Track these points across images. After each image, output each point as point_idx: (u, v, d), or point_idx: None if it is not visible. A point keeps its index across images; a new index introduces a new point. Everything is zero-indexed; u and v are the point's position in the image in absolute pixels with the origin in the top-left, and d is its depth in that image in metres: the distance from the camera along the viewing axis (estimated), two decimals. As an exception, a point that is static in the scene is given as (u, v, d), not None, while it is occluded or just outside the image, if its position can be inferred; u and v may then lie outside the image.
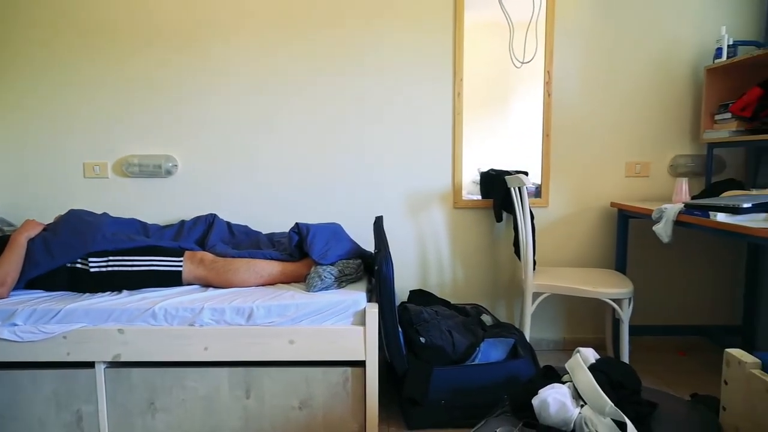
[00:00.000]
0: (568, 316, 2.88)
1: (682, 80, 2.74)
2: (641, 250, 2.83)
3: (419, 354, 2.08)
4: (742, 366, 1.45)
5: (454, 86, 2.73)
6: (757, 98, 2.37)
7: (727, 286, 2.86)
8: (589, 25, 2.71)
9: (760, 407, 1.38)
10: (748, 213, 1.90)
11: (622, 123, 2.76)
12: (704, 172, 2.75)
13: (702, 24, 2.71)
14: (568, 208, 2.81)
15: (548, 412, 1.39)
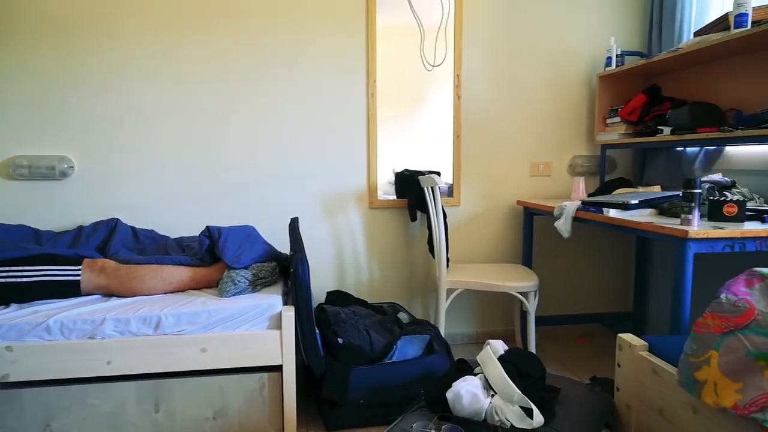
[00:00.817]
0: (480, 311, 3.00)
1: (579, 86, 2.94)
2: (545, 245, 3.01)
3: (337, 355, 2.08)
4: (632, 349, 1.59)
5: (368, 87, 2.75)
6: (642, 104, 2.60)
7: (620, 276, 3.12)
8: (494, 32, 2.84)
9: (647, 385, 1.51)
10: (636, 209, 2.08)
11: (526, 125, 2.92)
12: (599, 172, 2.97)
13: (594, 35, 2.92)
14: (478, 207, 2.93)
15: (461, 404, 1.44)
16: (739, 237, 1.72)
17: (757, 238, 1.72)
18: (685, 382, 1.28)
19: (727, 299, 1.27)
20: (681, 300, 1.75)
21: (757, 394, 1.11)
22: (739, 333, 1.21)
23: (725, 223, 1.82)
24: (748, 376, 1.16)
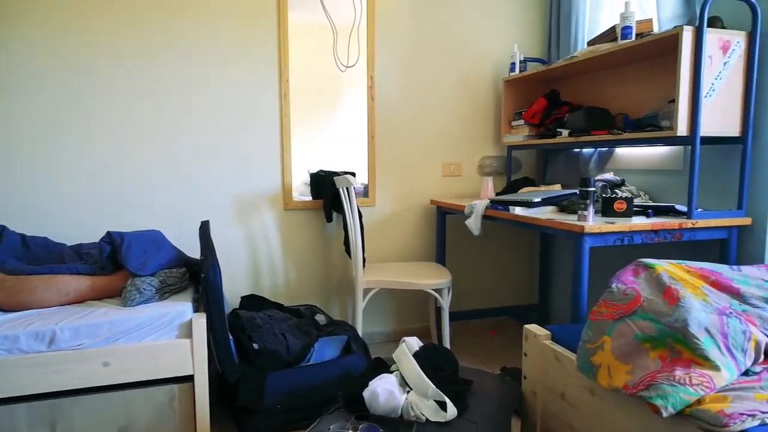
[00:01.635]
0: (397, 309, 3.05)
1: (486, 90, 3.08)
2: (458, 242, 3.12)
3: (253, 361, 2.03)
4: (537, 339, 1.68)
5: (281, 87, 2.71)
6: (543, 108, 2.76)
7: (526, 270, 3.29)
8: (406, 35, 2.90)
9: (551, 372, 1.61)
10: (539, 206, 2.21)
11: (438, 127, 3.01)
12: (506, 171, 3.12)
13: (500, 41, 3.07)
14: (393, 207, 2.98)
15: (378, 402, 1.46)
16: (627, 231, 1.87)
17: (643, 231, 1.89)
18: (583, 366, 1.38)
19: (617, 288, 1.39)
20: (579, 291, 1.88)
21: (644, 373, 1.22)
22: (628, 319, 1.32)
23: (616, 218, 1.98)
24: (636, 358, 1.27)
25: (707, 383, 1.14)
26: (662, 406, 1.12)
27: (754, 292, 1.33)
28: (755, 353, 1.23)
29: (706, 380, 1.14)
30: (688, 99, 1.86)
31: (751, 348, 1.21)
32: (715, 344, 1.19)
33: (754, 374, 1.22)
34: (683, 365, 1.18)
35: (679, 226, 1.90)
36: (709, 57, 1.85)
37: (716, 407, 1.09)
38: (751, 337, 1.21)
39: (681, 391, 1.13)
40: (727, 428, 1.05)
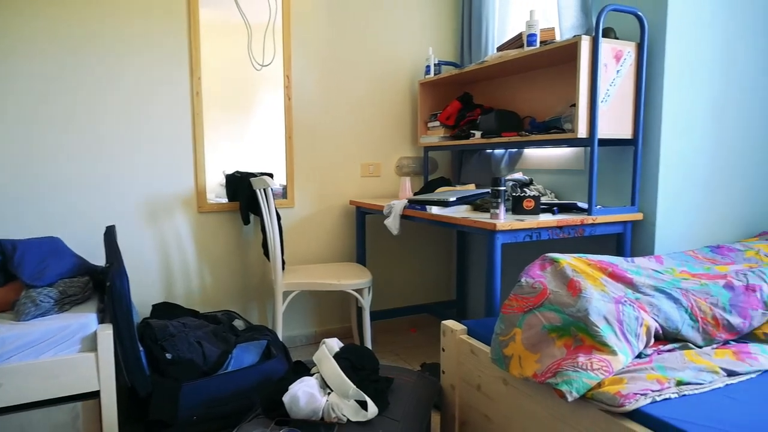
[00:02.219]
0: (319, 310, 3.03)
1: (403, 91, 3.13)
2: (377, 242, 3.15)
3: (167, 372, 1.93)
4: (454, 334, 1.73)
5: (192, 85, 2.60)
6: (457, 110, 2.85)
7: (444, 267, 3.39)
8: (323, 35, 2.89)
9: (467, 365, 1.67)
10: (454, 205, 2.28)
11: (356, 127, 3.02)
12: (423, 172, 3.19)
13: (416, 44, 3.13)
14: (312, 208, 2.95)
15: (299, 405, 1.44)
16: (536, 227, 1.98)
17: (549, 227, 2.00)
18: (496, 358, 1.44)
19: (526, 282, 1.46)
20: (493, 285, 1.96)
21: (551, 361, 1.29)
22: (536, 311, 1.40)
23: (525, 215, 2.09)
24: (544, 347, 1.34)
25: (606, 367, 1.23)
26: (567, 391, 1.20)
27: (645, 281, 1.46)
28: (647, 337, 1.34)
29: (605, 364, 1.23)
30: (587, 103, 1.99)
31: (643, 333, 1.32)
32: (612, 331, 1.29)
33: (646, 356, 1.33)
34: (585, 352, 1.27)
35: (581, 222, 2.03)
36: (605, 65, 1.99)
37: (614, 389, 1.18)
38: (643, 323, 1.33)
39: (584, 376, 1.21)
40: (623, 407, 1.14)
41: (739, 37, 2.24)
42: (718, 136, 2.24)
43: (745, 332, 1.42)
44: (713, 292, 1.43)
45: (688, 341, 1.39)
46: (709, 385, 1.22)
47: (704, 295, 1.42)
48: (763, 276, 1.48)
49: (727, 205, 2.30)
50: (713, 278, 1.51)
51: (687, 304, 1.40)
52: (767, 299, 1.41)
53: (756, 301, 1.41)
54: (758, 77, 2.31)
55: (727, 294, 1.42)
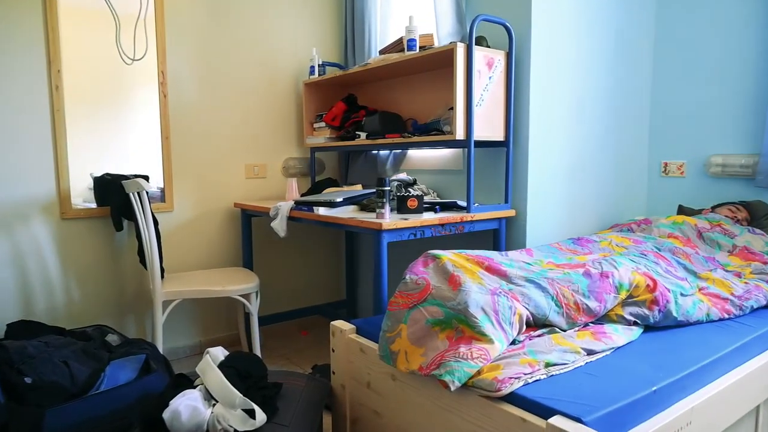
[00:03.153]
0: (203, 319, 2.89)
1: (288, 91, 3.09)
2: (265, 245, 3.07)
3: (27, 397, 1.73)
4: (343, 334, 1.74)
5: (51, 78, 2.35)
6: (342, 111, 2.87)
7: (334, 268, 3.40)
8: (203, 29, 2.76)
9: (357, 364, 1.69)
10: (341, 206, 2.29)
11: (240, 127, 2.92)
12: (310, 172, 3.17)
13: (300, 43, 3.10)
14: (194, 211, 2.81)
15: (180, 421, 1.36)
16: (419, 226, 2.05)
17: (432, 225, 2.09)
18: (384, 354, 1.47)
19: (410, 279, 1.51)
20: (380, 284, 2.00)
21: (435, 354, 1.35)
22: (420, 306, 1.45)
23: (409, 214, 2.16)
24: (428, 340, 1.40)
25: (485, 355, 1.30)
26: (450, 381, 1.25)
27: (517, 273, 1.57)
28: (519, 324, 1.44)
29: (484, 353, 1.30)
30: (463, 107, 2.11)
31: (516, 321, 1.42)
32: (489, 321, 1.37)
33: (519, 342, 1.44)
34: (466, 342, 1.34)
35: (461, 220, 2.14)
36: (478, 71, 2.12)
37: (491, 375, 1.25)
38: (516, 312, 1.43)
39: (465, 366, 1.28)
40: (500, 392, 1.22)
41: (594, 49, 2.49)
42: (576, 139, 2.48)
43: (601, 314, 1.58)
44: (574, 280, 1.58)
45: (554, 326, 1.52)
46: (573, 365, 1.34)
47: (567, 283, 1.57)
48: (614, 264, 1.67)
49: (585, 201, 2.55)
50: (574, 267, 1.67)
51: (553, 292, 1.53)
52: (617, 284, 1.59)
53: (609, 286, 1.58)
54: (610, 85, 2.59)
55: (586, 281, 1.58)
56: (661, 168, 2.83)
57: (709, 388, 1.37)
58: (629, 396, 1.18)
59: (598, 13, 2.49)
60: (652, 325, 1.63)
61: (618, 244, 2.10)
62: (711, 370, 1.41)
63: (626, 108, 2.71)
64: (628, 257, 1.86)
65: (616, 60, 2.62)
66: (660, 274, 1.78)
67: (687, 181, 2.74)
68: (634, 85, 2.74)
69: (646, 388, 1.22)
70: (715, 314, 1.70)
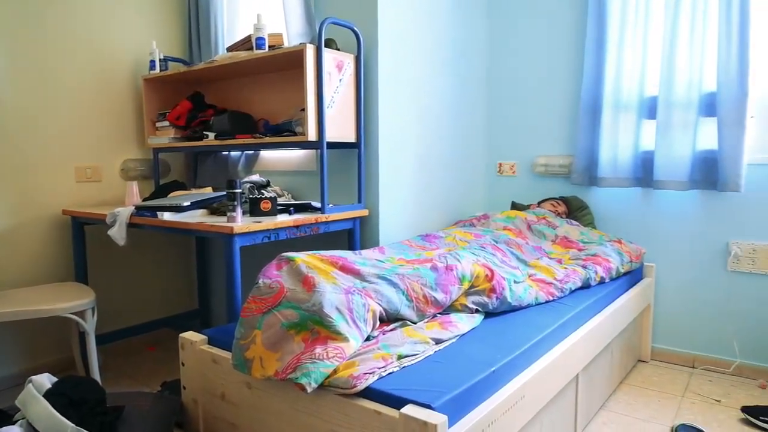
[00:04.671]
0: (28, 343, 2.53)
1: (125, 87, 2.82)
2: (102, 256, 2.78)
3: None
4: (194, 345, 1.65)
5: None
6: (187, 110, 2.71)
7: (184, 277, 3.19)
8: (18, 14, 2.40)
9: (210, 375, 1.61)
10: (189, 210, 2.16)
11: (68, 125, 2.60)
12: (153, 175, 2.94)
13: (137, 36, 2.85)
14: (12, 221, 2.45)
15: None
16: (273, 228, 2.01)
17: (286, 227, 2.06)
18: (238, 363, 1.42)
19: (263, 283, 1.48)
20: (234, 290, 1.92)
21: (291, 357, 1.34)
22: (274, 310, 1.42)
23: (263, 217, 2.11)
24: (284, 344, 1.38)
25: (340, 354, 1.32)
26: (306, 383, 1.25)
27: (370, 271, 1.62)
28: (373, 321, 1.49)
29: (339, 351, 1.32)
30: (315, 108, 2.11)
31: (370, 317, 1.46)
32: (344, 319, 1.40)
33: (374, 338, 1.48)
34: (321, 343, 1.34)
35: (316, 221, 2.15)
36: (329, 73, 2.14)
37: (347, 373, 1.27)
38: (369, 308, 1.47)
39: (321, 366, 1.28)
40: (356, 388, 1.24)
41: (437, 58, 2.66)
42: (423, 141, 2.63)
43: (448, 305, 1.69)
44: (423, 275, 1.67)
45: (406, 319, 1.59)
46: (423, 354, 1.42)
47: (417, 277, 1.65)
48: (458, 257, 1.80)
49: (432, 199, 2.72)
50: (423, 263, 1.76)
51: (404, 288, 1.60)
52: (461, 276, 1.72)
53: (453, 278, 1.70)
54: (451, 92, 2.79)
55: (433, 275, 1.68)
56: (496, 168, 3.12)
57: (538, 364, 1.54)
58: (472, 378, 1.28)
59: (439, 24, 2.66)
60: (492, 311, 1.79)
61: (461, 238, 2.27)
62: (539, 348, 1.58)
63: (466, 113, 2.94)
64: (470, 250, 2.01)
65: (457, 69, 2.82)
66: (497, 265, 1.96)
67: (518, 180, 3.05)
68: (472, 92, 2.97)
69: (486, 370, 1.33)
70: (542, 297, 1.91)
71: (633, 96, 2.57)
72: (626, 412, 2.14)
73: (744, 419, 2.06)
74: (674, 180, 2.48)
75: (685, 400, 2.25)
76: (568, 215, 2.77)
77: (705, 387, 2.38)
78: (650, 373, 2.53)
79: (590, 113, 2.68)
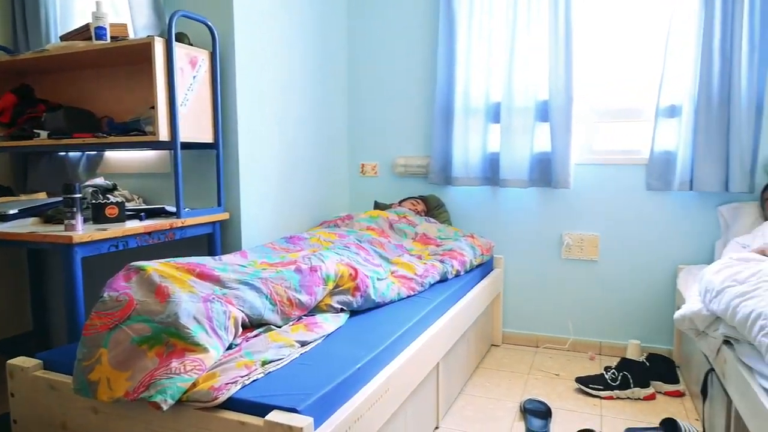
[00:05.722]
0: None
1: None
2: None
3: None
4: (26, 372, 1.45)
5: None
6: (12, 104, 2.39)
7: (15, 294, 2.80)
8: None
9: (47, 403, 1.43)
10: (16, 219, 1.90)
11: None
12: (-31, 180, 2.54)
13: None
14: None
15: None
16: (121, 236, 1.85)
17: (137, 234, 1.91)
18: (80, 387, 1.28)
19: (109, 297, 1.35)
20: (75, 307, 1.73)
21: (143, 375, 1.24)
22: (122, 325, 1.30)
23: (109, 224, 1.92)
24: (135, 361, 1.27)
25: (199, 366, 1.25)
26: (162, 400, 1.17)
27: (231, 277, 1.55)
28: (235, 328, 1.44)
29: (198, 363, 1.25)
30: (166, 107, 1.98)
31: (231, 325, 1.41)
32: (203, 329, 1.33)
33: (236, 346, 1.43)
34: (178, 356, 1.26)
35: (170, 226, 2.01)
36: (181, 69, 2.02)
37: (207, 385, 1.21)
38: (230, 316, 1.41)
39: (178, 381, 1.20)
40: (217, 400, 1.19)
41: (298, 59, 2.63)
42: (286, 142, 2.59)
43: (313, 306, 1.69)
44: (287, 277, 1.65)
45: (270, 324, 1.56)
46: (288, 358, 1.40)
47: (281, 280, 1.62)
48: (322, 258, 1.80)
49: (296, 200, 2.69)
50: (287, 265, 1.74)
51: (267, 291, 1.57)
52: (325, 276, 1.72)
53: (318, 279, 1.70)
54: (313, 94, 2.78)
55: (297, 277, 1.67)
56: (359, 169, 3.19)
57: (401, 357, 1.61)
58: (338, 377, 1.30)
59: (298, 24, 2.64)
60: (357, 309, 1.82)
61: (325, 239, 2.28)
62: (402, 341, 1.65)
63: (328, 114, 2.96)
64: (333, 251, 2.03)
65: (318, 71, 2.83)
66: (360, 263, 2.00)
67: (380, 180, 3.15)
68: (334, 94, 3.00)
69: (351, 368, 1.35)
70: (404, 293, 1.99)
71: (480, 102, 2.79)
72: (482, 394, 2.31)
73: (578, 389, 2.35)
74: (517, 179, 2.73)
75: (530, 377, 2.50)
76: (426, 213, 2.92)
77: (546, 363, 2.66)
78: (502, 356, 2.77)
79: (444, 117, 2.85)
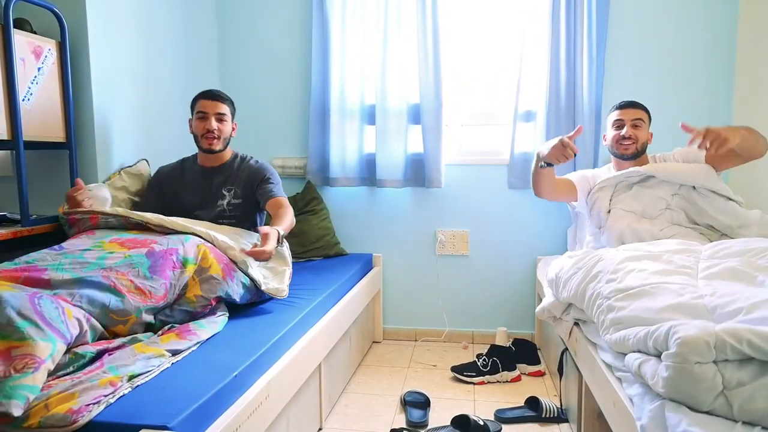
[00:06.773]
0: None
1: None
2: None
3: None
4: None
5: None
6: None
7: None
8: None
9: None
10: None
11: None
12: None
13: None
14: None
15: None
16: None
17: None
18: None
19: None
20: None
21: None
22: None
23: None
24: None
25: (32, 361, 1.14)
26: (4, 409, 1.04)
27: (63, 277, 1.42)
28: (80, 326, 1.32)
29: (29, 358, 1.14)
30: (5, 101, 1.75)
31: (68, 319, 1.29)
32: (32, 324, 1.20)
33: (98, 360, 1.31)
34: (4, 358, 1.14)
35: (14, 236, 1.79)
36: (22, 59, 1.80)
37: (64, 408, 1.09)
38: (65, 312, 1.29)
39: (10, 382, 1.09)
40: (77, 424, 1.07)
41: (161, 52, 2.47)
42: (150, 139, 2.42)
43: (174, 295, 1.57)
44: (136, 263, 1.53)
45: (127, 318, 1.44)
46: (158, 369, 1.30)
47: (127, 268, 1.50)
48: (183, 240, 1.67)
49: (166, 204, 2.52)
50: (139, 246, 1.60)
51: (109, 284, 1.44)
52: (183, 259, 1.60)
53: (173, 263, 1.58)
54: (178, 93, 2.63)
55: (148, 261, 1.54)
56: (234, 170, 3.07)
57: (282, 361, 1.58)
58: (213, 387, 1.23)
59: (164, 12, 2.48)
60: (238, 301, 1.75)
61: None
62: (282, 345, 1.62)
63: (198, 113, 2.81)
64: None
65: (186, 66, 2.68)
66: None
67: (257, 182, 3.06)
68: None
69: (227, 376, 1.30)
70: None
71: (356, 104, 2.84)
72: (364, 391, 2.35)
73: (453, 377, 2.48)
74: (392, 179, 2.82)
75: (410, 370, 2.59)
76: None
77: (425, 356, 2.78)
78: (383, 352, 2.84)
79: (320, 119, 2.85)
